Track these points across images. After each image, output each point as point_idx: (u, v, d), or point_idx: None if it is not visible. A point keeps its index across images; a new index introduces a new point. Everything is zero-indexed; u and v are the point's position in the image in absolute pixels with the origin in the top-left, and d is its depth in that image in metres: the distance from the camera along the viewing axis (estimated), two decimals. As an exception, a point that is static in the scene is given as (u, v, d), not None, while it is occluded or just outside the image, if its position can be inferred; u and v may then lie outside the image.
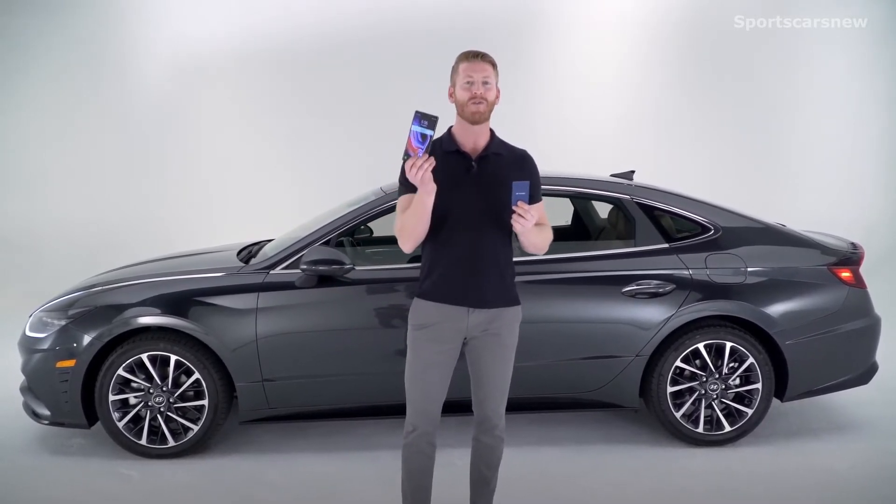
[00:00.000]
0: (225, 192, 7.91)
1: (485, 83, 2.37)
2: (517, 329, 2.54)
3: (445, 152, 2.44)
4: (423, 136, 2.20)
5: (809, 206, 7.61)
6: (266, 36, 7.80)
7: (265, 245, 4.07)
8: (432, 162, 2.23)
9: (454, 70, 2.45)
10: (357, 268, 3.45)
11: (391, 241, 4.52)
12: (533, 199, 2.43)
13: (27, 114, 7.80)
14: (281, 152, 7.96)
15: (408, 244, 2.40)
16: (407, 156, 2.22)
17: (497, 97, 2.43)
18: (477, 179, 2.41)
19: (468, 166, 2.42)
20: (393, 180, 3.99)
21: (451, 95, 2.46)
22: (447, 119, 2.52)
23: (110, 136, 7.85)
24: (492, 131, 2.49)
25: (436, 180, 2.29)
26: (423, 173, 2.22)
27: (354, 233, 4.00)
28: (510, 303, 2.50)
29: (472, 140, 2.44)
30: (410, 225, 2.36)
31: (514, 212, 2.27)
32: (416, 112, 2.20)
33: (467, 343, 2.49)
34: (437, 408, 2.49)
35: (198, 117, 7.94)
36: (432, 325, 2.45)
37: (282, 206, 7.37)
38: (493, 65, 2.42)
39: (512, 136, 2.52)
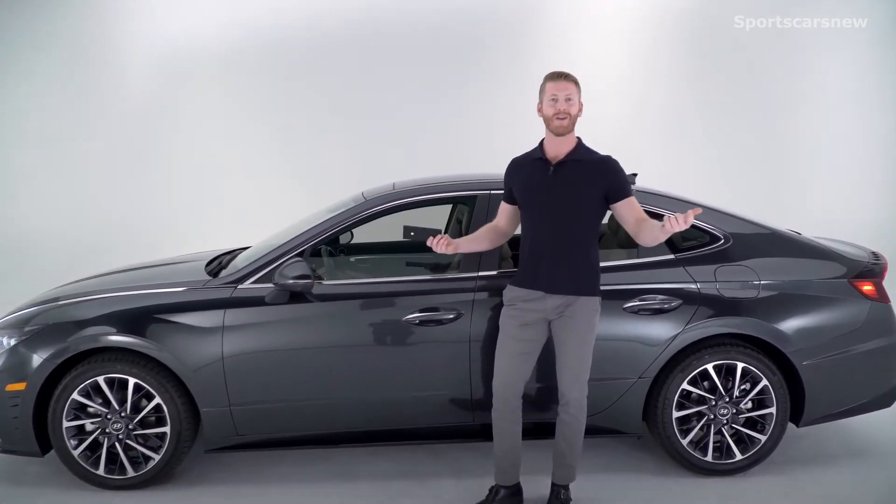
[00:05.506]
0: (212, 195, 7.78)
1: (568, 100, 2.78)
2: (593, 319, 2.84)
3: (532, 159, 2.89)
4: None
5: (814, 208, 7.60)
6: (252, 36, 7.71)
7: (238, 255, 3.78)
8: (447, 240, 2.85)
9: (541, 89, 2.86)
10: (330, 282, 3.19)
11: (373, 249, 4.28)
12: (620, 193, 2.79)
13: (8, 115, 7.69)
14: (268, 154, 7.86)
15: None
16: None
17: (580, 110, 2.81)
18: (553, 181, 2.79)
19: (547, 171, 2.80)
20: (380, 183, 3.76)
21: (539, 111, 2.87)
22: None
23: (93, 137, 7.75)
24: (578, 140, 2.86)
25: (522, 183, 2.88)
26: (442, 248, 2.84)
27: (334, 242, 3.72)
28: (585, 292, 2.82)
29: (556, 149, 2.84)
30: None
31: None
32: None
33: (551, 325, 2.86)
34: (513, 379, 2.85)
35: (183, 119, 7.83)
36: (515, 305, 2.87)
37: (270, 208, 7.19)
38: (576, 83, 2.82)
39: (512, 136, 2.43)
